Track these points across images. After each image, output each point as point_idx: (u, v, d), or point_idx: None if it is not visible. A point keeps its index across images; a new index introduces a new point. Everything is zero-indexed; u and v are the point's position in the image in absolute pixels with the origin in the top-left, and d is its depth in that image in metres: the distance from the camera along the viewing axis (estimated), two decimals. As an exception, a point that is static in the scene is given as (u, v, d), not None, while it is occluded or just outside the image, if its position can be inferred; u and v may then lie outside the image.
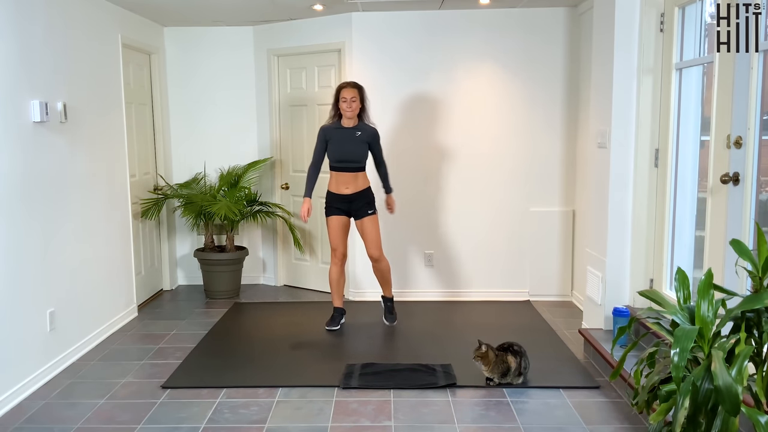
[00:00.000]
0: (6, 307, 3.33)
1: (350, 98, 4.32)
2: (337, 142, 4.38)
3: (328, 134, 4.42)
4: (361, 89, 4.39)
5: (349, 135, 4.38)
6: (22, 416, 3.21)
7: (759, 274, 2.08)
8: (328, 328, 4.51)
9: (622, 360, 2.28)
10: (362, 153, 4.41)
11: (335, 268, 4.53)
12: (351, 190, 4.41)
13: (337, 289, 4.58)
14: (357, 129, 4.39)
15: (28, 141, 3.54)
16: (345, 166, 4.39)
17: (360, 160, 4.41)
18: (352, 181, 4.41)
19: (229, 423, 3.11)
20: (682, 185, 3.69)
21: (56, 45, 3.87)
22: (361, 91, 4.39)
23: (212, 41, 5.66)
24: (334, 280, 4.56)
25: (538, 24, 5.06)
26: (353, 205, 4.43)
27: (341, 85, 4.42)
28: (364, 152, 4.42)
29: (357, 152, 4.39)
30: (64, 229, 3.91)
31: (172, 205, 5.66)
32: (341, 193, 4.42)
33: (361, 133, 4.39)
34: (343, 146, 4.37)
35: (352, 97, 4.32)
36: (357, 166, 4.41)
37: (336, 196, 4.44)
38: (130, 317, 4.85)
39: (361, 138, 4.39)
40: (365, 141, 4.40)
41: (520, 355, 3.50)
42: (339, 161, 4.39)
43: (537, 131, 5.17)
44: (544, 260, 5.26)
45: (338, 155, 4.38)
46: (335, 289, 4.58)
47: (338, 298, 4.60)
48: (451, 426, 3.07)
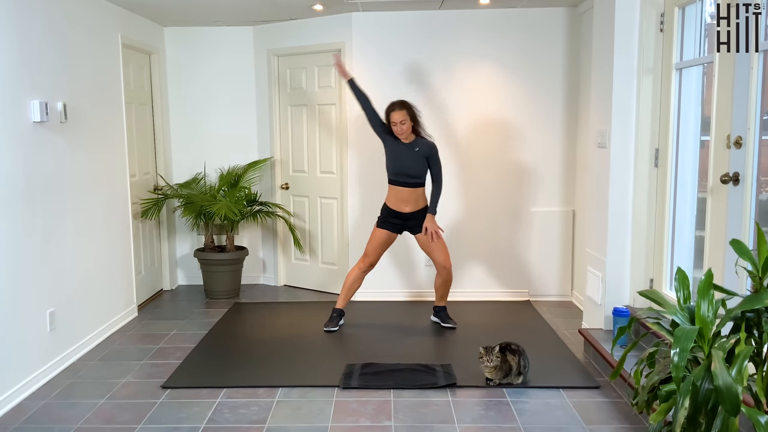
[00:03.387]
0: (6, 307, 3.33)
1: (400, 122, 4.26)
2: (395, 156, 4.35)
3: (388, 143, 4.37)
4: (409, 108, 4.32)
5: (406, 150, 4.33)
6: (22, 416, 3.22)
7: (759, 274, 2.08)
8: (327, 329, 4.50)
9: (622, 360, 2.28)
10: (420, 168, 4.34)
11: (357, 272, 4.51)
12: (410, 208, 4.37)
13: (348, 292, 4.57)
14: (415, 145, 4.33)
15: (28, 141, 3.54)
16: (403, 180, 4.34)
17: (418, 175, 4.35)
18: (411, 198, 4.36)
19: (229, 423, 3.11)
20: (682, 185, 3.69)
21: (56, 45, 3.87)
22: (410, 110, 4.31)
23: (212, 41, 5.66)
24: (350, 282, 4.54)
25: (538, 24, 5.06)
26: (410, 222, 4.42)
27: (389, 107, 4.33)
28: (423, 167, 4.35)
29: (414, 167, 4.32)
30: (64, 229, 3.91)
31: (172, 205, 5.66)
32: (400, 211, 4.39)
33: (419, 148, 4.33)
34: (400, 160, 4.33)
35: (401, 121, 4.26)
36: (416, 181, 4.35)
37: (394, 213, 4.41)
38: (130, 317, 4.85)
39: (419, 153, 4.32)
40: (424, 156, 4.33)
41: (518, 354, 3.50)
42: (397, 174, 4.35)
43: (537, 131, 5.17)
44: (544, 260, 5.26)
45: (396, 168, 4.35)
46: (346, 291, 4.56)
47: (344, 300, 4.59)
48: (451, 426, 3.07)
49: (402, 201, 4.37)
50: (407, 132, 4.31)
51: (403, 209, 4.38)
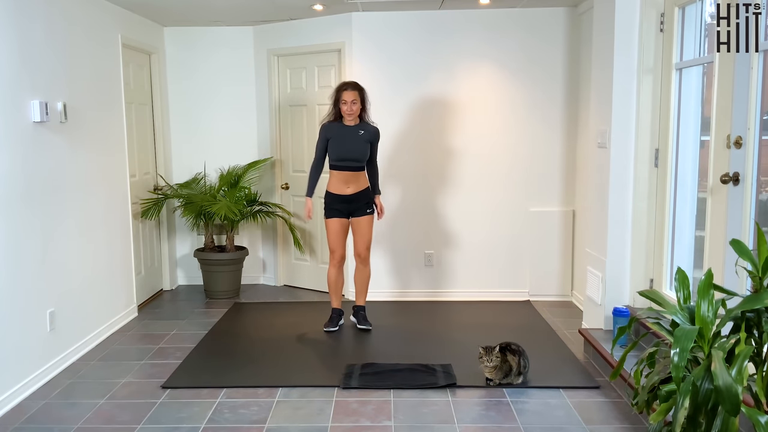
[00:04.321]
0: (6, 307, 3.33)
1: (351, 101, 4.28)
2: (340, 140, 4.34)
3: (329, 132, 4.39)
4: (362, 90, 4.36)
5: (351, 133, 4.35)
6: (22, 416, 3.21)
7: (759, 274, 2.08)
8: (326, 329, 4.50)
9: (622, 360, 2.28)
10: (364, 152, 4.37)
11: (333, 270, 4.52)
12: (352, 189, 4.39)
13: (336, 291, 4.57)
14: (360, 128, 4.36)
15: (28, 141, 3.54)
16: (347, 165, 4.36)
17: (362, 158, 4.38)
18: (353, 180, 4.39)
19: (229, 423, 3.11)
20: (682, 185, 3.69)
21: (56, 45, 3.87)
22: (362, 92, 4.36)
23: (212, 41, 5.66)
24: (332, 281, 4.55)
25: (538, 24, 5.06)
26: (353, 204, 4.42)
27: (341, 86, 4.37)
28: (366, 151, 4.38)
29: (360, 150, 4.35)
30: (64, 229, 3.91)
31: (172, 205, 5.66)
32: (342, 194, 4.39)
33: (364, 132, 4.36)
34: (345, 144, 4.34)
35: (352, 100, 4.28)
36: (359, 165, 4.38)
37: (336, 197, 4.41)
38: (130, 317, 4.85)
39: (364, 137, 4.36)
40: (368, 140, 4.37)
41: (518, 354, 3.50)
42: (341, 159, 4.35)
43: (537, 131, 5.17)
44: (544, 260, 5.26)
45: (341, 153, 4.34)
46: (333, 291, 4.57)
47: (336, 300, 4.59)
48: (451, 426, 3.07)
49: (343, 183, 4.38)
50: (356, 113, 4.32)
51: (345, 191, 4.38)
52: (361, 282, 4.60)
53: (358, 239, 4.48)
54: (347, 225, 4.48)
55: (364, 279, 4.60)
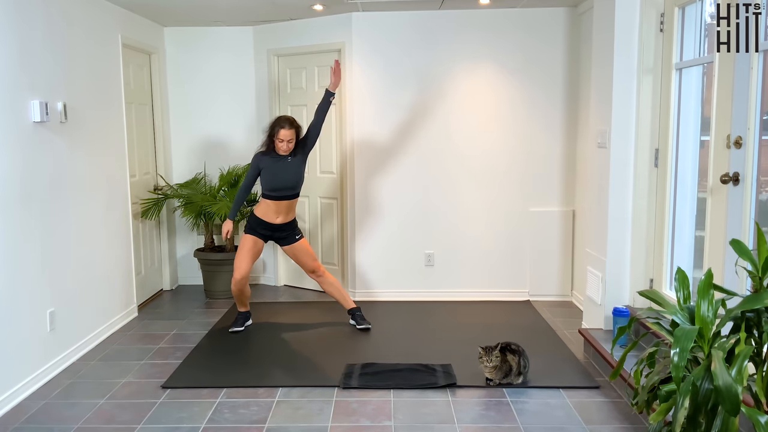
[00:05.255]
0: (6, 307, 3.33)
1: (287, 140, 4.23)
2: (272, 171, 4.28)
3: (261, 163, 4.31)
4: (298, 128, 4.30)
5: (284, 164, 4.29)
6: (22, 416, 3.22)
7: (759, 274, 2.08)
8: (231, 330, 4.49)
9: (622, 360, 2.28)
10: (299, 177, 4.34)
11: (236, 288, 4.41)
12: (281, 219, 4.38)
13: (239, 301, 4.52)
14: (291, 153, 4.31)
15: (28, 141, 3.54)
16: (281, 194, 4.32)
17: (296, 186, 4.35)
18: (285, 210, 4.36)
19: (229, 423, 3.11)
20: (682, 185, 3.69)
21: (56, 45, 3.87)
22: (299, 129, 4.30)
23: (212, 41, 5.66)
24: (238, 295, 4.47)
25: (538, 24, 5.06)
26: (278, 233, 4.42)
27: (277, 123, 4.28)
28: (301, 174, 4.35)
29: (294, 179, 4.32)
30: (64, 229, 3.91)
31: (172, 205, 5.66)
32: (270, 222, 4.36)
33: (293, 154, 4.30)
34: (279, 175, 4.28)
35: (289, 140, 4.24)
36: (294, 193, 4.36)
37: (262, 223, 4.37)
38: (130, 317, 4.85)
39: (297, 159, 4.31)
40: (300, 160, 4.33)
41: (518, 354, 3.50)
42: (274, 189, 4.31)
43: (537, 131, 5.17)
44: (544, 260, 5.26)
45: (274, 184, 4.29)
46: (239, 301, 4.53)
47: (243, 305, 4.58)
48: (451, 426, 3.07)
49: (274, 213, 4.35)
50: (289, 150, 4.28)
51: (274, 220, 4.36)
52: (333, 290, 4.59)
53: (302, 262, 4.50)
54: (261, 248, 4.45)
55: (334, 287, 4.59)
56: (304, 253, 4.49)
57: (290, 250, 4.49)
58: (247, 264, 4.38)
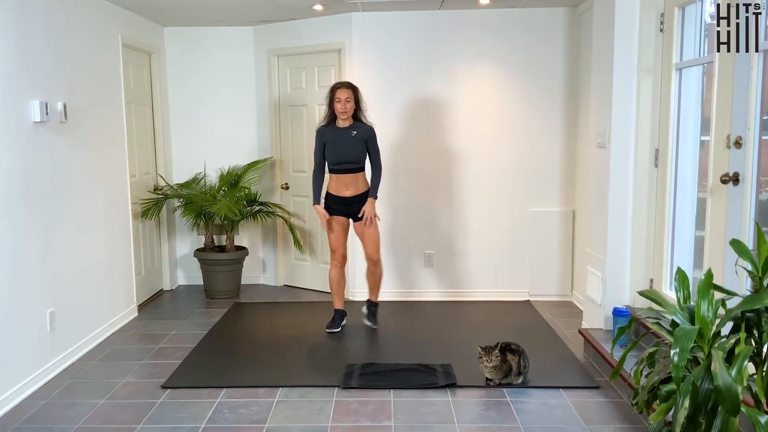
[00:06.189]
0: (6, 307, 3.33)
1: (344, 99, 4.27)
2: (333, 143, 4.35)
3: (324, 136, 4.39)
4: (355, 89, 4.35)
5: (345, 135, 4.34)
6: (22, 416, 3.22)
7: (759, 274, 2.08)
8: (329, 330, 4.50)
9: (622, 360, 2.28)
10: (360, 153, 4.36)
11: (335, 270, 4.52)
12: (351, 192, 4.39)
13: (338, 291, 4.57)
14: (352, 128, 4.35)
15: (28, 141, 3.54)
16: (344, 167, 4.35)
17: (358, 160, 4.37)
18: (352, 182, 4.38)
19: (229, 423, 3.11)
20: (682, 185, 3.69)
21: (56, 45, 3.87)
22: (356, 91, 4.35)
23: (212, 41, 5.66)
24: (334, 282, 4.55)
25: (538, 24, 5.06)
26: (353, 207, 4.41)
27: (335, 85, 4.37)
28: (362, 152, 4.37)
29: (354, 153, 4.35)
30: (64, 229, 3.91)
31: (172, 205, 5.66)
32: (342, 195, 4.39)
33: (357, 132, 4.35)
34: (339, 147, 4.34)
35: (346, 98, 4.28)
36: (356, 167, 4.37)
37: (336, 198, 4.41)
38: (130, 317, 4.85)
39: (357, 137, 4.34)
40: (362, 139, 4.35)
41: (518, 354, 3.50)
42: (337, 163, 4.36)
43: (537, 131, 5.17)
44: (544, 260, 5.26)
45: (336, 157, 4.35)
46: (335, 291, 4.58)
47: (339, 300, 4.59)
48: (451, 426, 3.07)
49: (342, 186, 4.38)
50: (349, 112, 4.31)
51: (344, 193, 4.38)
52: (372, 281, 4.61)
53: (365, 243, 4.48)
54: (347, 224, 4.48)
55: (376, 278, 4.60)
56: (368, 233, 4.40)
57: (360, 227, 4.43)
58: (342, 244, 4.46)
